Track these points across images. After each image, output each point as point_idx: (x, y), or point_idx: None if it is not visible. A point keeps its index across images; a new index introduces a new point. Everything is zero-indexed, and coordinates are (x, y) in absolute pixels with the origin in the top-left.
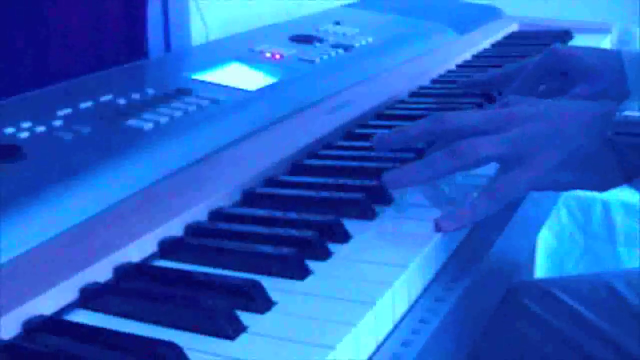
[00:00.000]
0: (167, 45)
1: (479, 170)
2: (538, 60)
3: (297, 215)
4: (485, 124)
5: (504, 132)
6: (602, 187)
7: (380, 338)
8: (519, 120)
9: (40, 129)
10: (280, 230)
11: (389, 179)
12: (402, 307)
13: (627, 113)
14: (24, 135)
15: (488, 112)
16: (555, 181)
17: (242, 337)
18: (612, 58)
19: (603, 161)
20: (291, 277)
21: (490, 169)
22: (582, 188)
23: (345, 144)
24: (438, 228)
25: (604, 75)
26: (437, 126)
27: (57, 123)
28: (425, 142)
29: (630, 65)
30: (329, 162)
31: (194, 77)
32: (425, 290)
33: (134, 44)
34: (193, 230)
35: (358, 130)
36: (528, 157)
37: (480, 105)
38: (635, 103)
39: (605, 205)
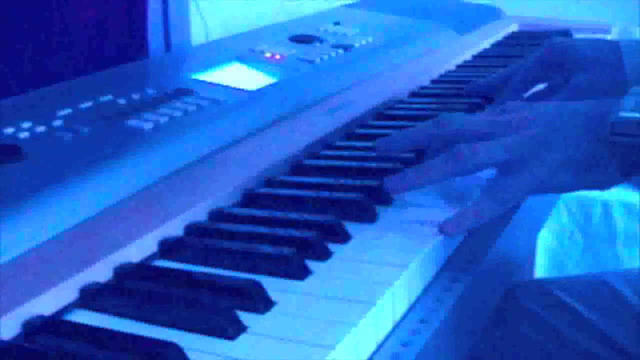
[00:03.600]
0: (167, 45)
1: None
2: (537, 55)
3: (297, 215)
4: (486, 128)
5: (504, 136)
6: (602, 187)
7: (380, 338)
8: (519, 125)
9: (40, 129)
10: (280, 230)
11: (390, 183)
12: (402, 307)
13: (622, 114)
14: (24, 135)
15: (489, 117)
16: (556, 183)
17: (242, 337)
18: (610, 47)
19: (602, 161)
20: (291, 277)
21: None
22: (582, 189)
23: (345, 144)
24: (442, 231)
25: (602, 64)
26: (439, 130)
27: (57, 123)
28: (426, 145)
29: (628, 53)
30: (329, 162)
31: (194, 77)
32: (425, 290)
33: (134, 44)
34: (193, 230)
35: (358, 130)
36: (528, 161)
37: (480, 105)
38: (631, 99)
39: (605, 205)
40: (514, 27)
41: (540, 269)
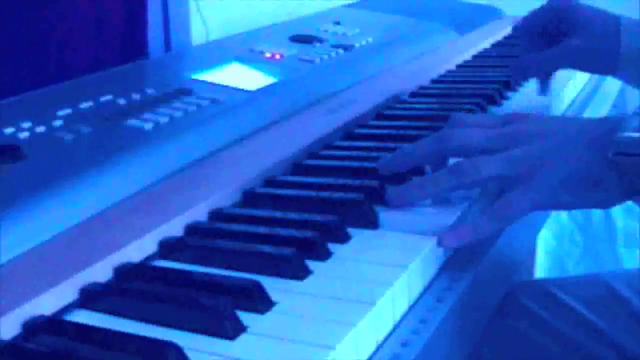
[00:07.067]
0: (167, 45)
1: None
2: (537, 8)
3: (297, 215)
4: (488, 142)
5: (507, 151)
6: (603, 205)
7: (380, 338)
8: (522, 140)
9: (40, 129)
10: (280, 230)
11: (392, 195)
12: (402, 307)
13: (626, 133)
14: (24, 135)
15: (491, 130)
16: (557, 201)
17: (242, 337)
18: (610, 19)
19: (604, 180)
20: (291, 277)
21: None
22: (583, 207)
23: (345, 144)
24: (440, 244)
25: (599, 34)
26: (440, 146)
27: (57, 123)
28: (428, 161)
29: (626, 29)
30: (329, 162)
31: (194, 77)
32: (425, 290)
33: (134, 44)
34: (193, 230)
35: (358, 130)
36: (530, 177)
37: (479, 106)
38: (635, 119)
39: None
40: None
41: (540, 269)
